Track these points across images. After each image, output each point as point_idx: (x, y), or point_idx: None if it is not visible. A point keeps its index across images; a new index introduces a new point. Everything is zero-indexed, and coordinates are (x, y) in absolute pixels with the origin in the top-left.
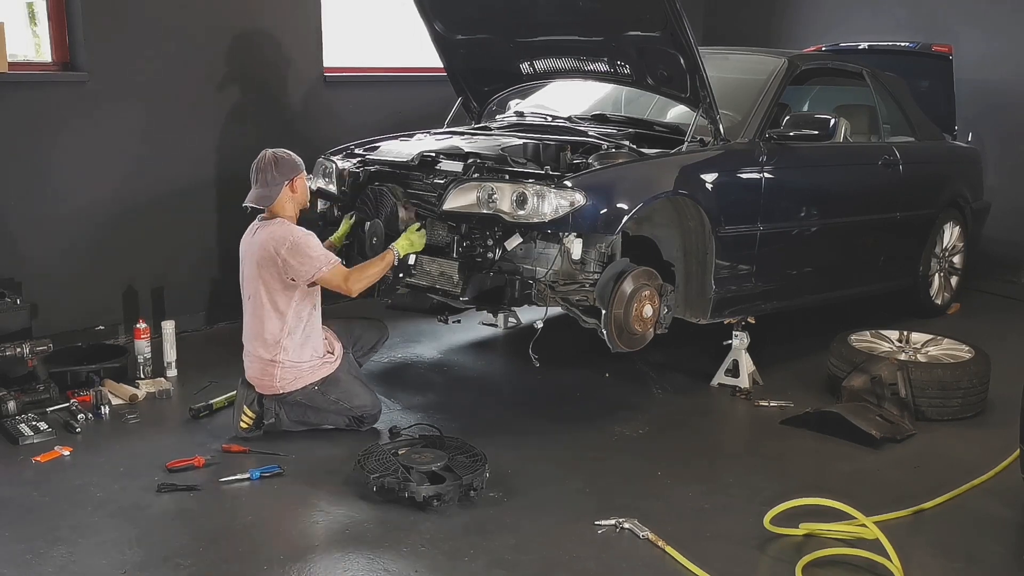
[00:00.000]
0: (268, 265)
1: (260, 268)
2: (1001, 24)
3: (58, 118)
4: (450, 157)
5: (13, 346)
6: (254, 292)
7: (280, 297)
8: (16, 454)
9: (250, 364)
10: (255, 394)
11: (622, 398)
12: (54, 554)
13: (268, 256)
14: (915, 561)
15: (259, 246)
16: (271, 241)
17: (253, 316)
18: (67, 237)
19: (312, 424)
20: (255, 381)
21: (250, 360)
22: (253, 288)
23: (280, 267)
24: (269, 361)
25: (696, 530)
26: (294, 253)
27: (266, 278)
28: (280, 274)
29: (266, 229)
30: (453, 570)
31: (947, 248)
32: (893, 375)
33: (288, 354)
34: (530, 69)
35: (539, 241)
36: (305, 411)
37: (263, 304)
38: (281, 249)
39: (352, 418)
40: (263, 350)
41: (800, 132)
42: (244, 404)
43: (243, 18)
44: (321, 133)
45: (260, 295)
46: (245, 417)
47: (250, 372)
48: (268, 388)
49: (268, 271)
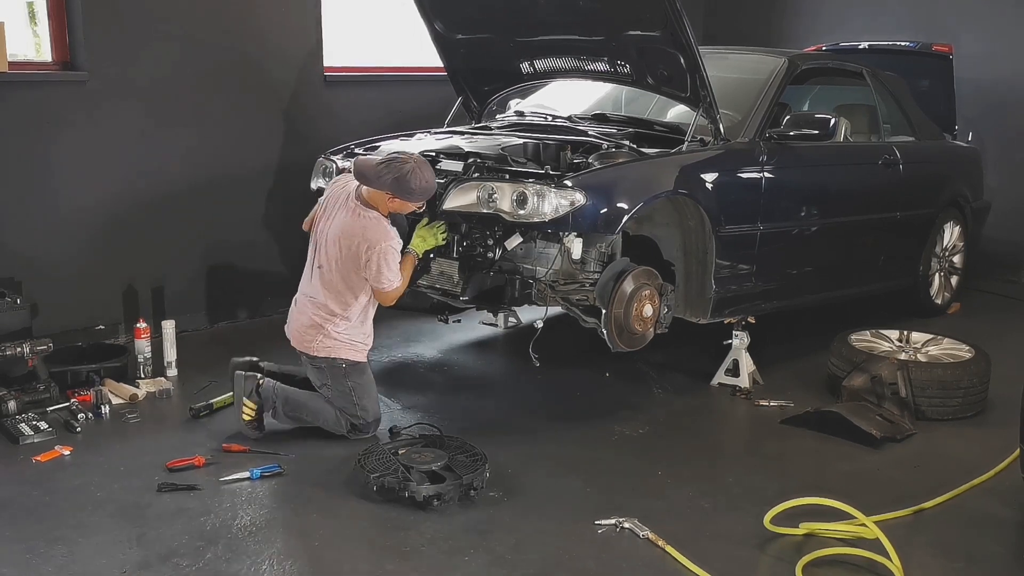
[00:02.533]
0: (353, 254)
1: (344, 250)
2: (1001, 24)
3: (58, 118)
4: (450, 157)
5: (13, 346)
6: (328, 265)
7: (356, 282)
8: (16, 454)
9: (298, 316)
10: (253, 384)
11: (622, 398)
12: (54, 554)
13: (357, 248)
14: (915, 561)
15: (351, 231)
16: (366, 237)
17: (322, 282)
18: (67, 237)
19: (305, 422)
20: (293, 332)
21: (301, 313)
22: (328, 260)
23: (363, 263)
24: (319, 325)
25: (696, 530)
26: (382, 260)
27: (346, 261)
28: (360, 266)
29: (365, 217)
30: (453, 570)
31: (947, 248)
32: (893, 375)
33: (339, 328)
34: (530, 69)
35: (539, 241)
36: (301, 408)
37: (336, 280)
38: (374, 251)
39: (348, 421)
40: (318, 314)
41: (800, 132)
42: (244, 396)
43: (243, 18)
44: (321, 133)
45: (334, 271)
46: (247, 408)
47: (295, 324)
48: (302, 342)
49: (351, 258)
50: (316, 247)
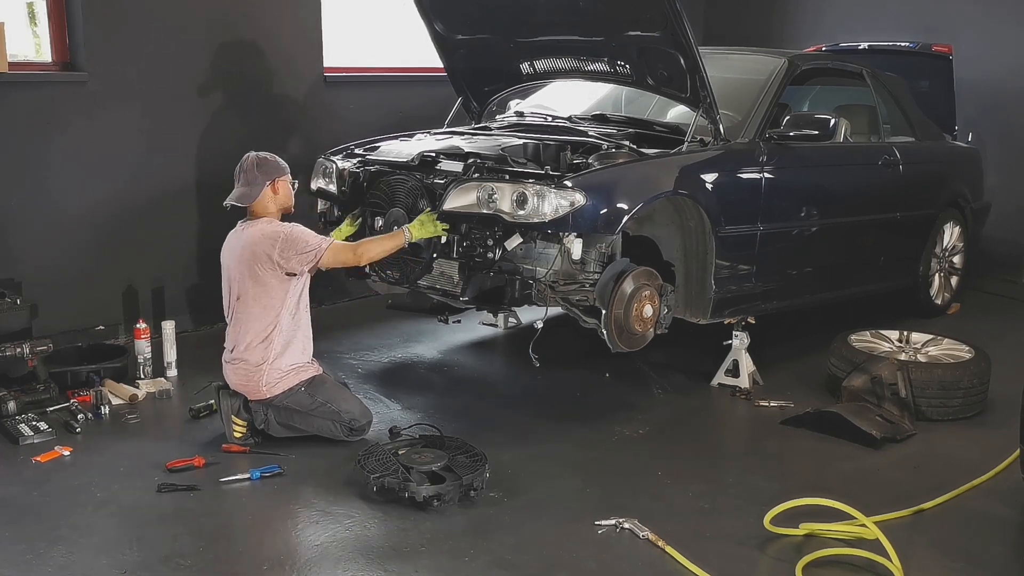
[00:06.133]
0: (261, 262)
1: (251, 266)
2: (1001, 24)
3: (58, 118)
4: (450, 157)
5: (13, 346)
6: (243, 292)
7: (275, 293)
8: (16, 454)
9: (234, 371)
10: (238, 401)
11: (622, 398)
12: (54, 554)
13: (261, 253)
14: (915, 561)
15: (248, 245)
16: (263, 239)
17: (241, 318)
18: (67, 237)
19: (300, 431)
20: (241, 388)
21: (234, 367)
22: (241, 288)
23: (276, 263)
24: (256, 365)
25: (696, 530)
26: (290, 244)
27: (258, 275)
28: (276, 270)
29: (253, 227)
30: (453, 570)
31: (947, 248)
32: (893, 375)
33: (276, 353)
34: (530, 69)
35: (539, 241)
36: (292, 415)
37: (251, 303)
38: (275, 244)
39: (343, 427)
40: (250, 353)
41: (800, 132)
42: (231, 414)
43: (243, 18)
44: (321, 133)
45: (249, 294)
46: (236, 427)
47: (234, 379)
48: (255, 393)
49: (261, 267)
50: (229, 292)
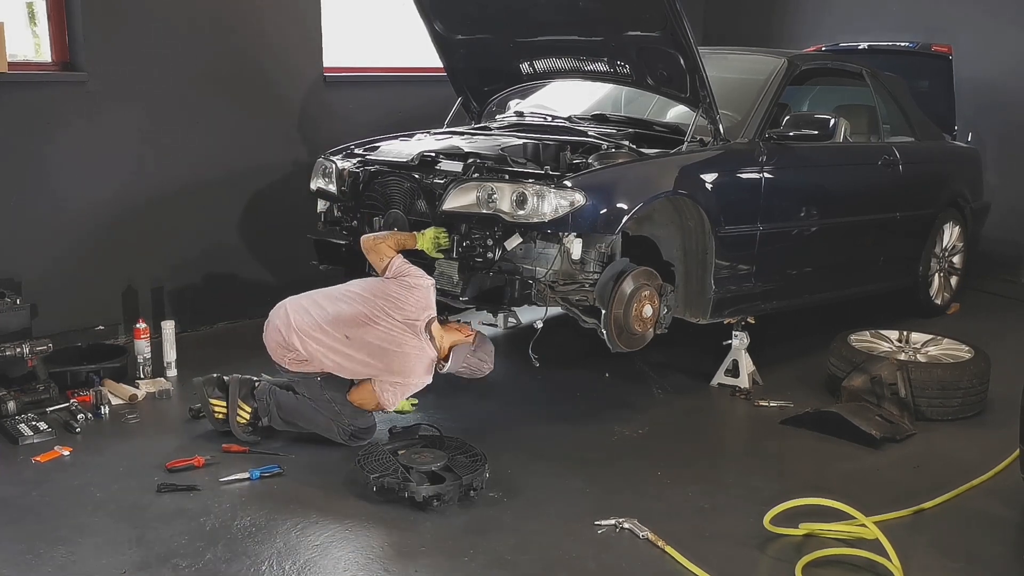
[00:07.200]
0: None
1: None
2: (1001, 24)
3: (58, 118)
4: (450, 157)
5: (13, 346)
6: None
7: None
8: (16, 454)
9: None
10: (248, 387)
11: (622, 398)
12: (54, 554)
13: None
14: (915, 561)
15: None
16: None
17: (332, 298)
18: (67, 237)
19: (300, 428)
20: (276, 333)
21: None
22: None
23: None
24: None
25: (696, 530)
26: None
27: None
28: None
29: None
30: (453, 570)
31: (947, 248)
32: (893, 375)
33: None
34: (530, 69)
35: (539, 241)
36: (295, 414)
37: (352, 297)
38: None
39: (343, 430)
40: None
41: (800, 132)
42: (239, 399)
43: (243, 18)
44: (321, 133)
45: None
46: (242, 412)
47: (278, 323)
48: (282, 347)
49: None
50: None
